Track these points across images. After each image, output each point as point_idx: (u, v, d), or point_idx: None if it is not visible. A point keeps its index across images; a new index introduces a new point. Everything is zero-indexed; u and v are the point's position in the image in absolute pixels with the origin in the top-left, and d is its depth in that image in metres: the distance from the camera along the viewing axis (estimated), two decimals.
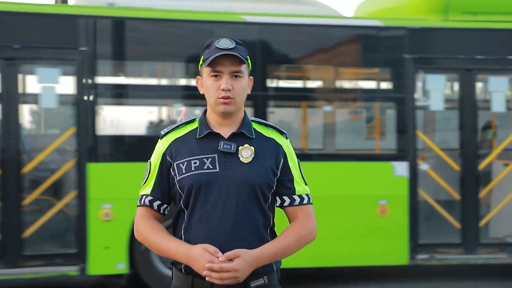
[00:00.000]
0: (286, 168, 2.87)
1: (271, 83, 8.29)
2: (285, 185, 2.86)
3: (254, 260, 2.71)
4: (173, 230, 2.88)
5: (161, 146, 2.89)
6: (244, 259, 2.68)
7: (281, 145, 2.88)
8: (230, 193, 2.76)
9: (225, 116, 2.82)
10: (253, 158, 2.80)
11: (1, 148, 7.11)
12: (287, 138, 2.94)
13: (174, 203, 2.88)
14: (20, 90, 7.36)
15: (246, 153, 2.80)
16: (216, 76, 2.79)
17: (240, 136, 2.83)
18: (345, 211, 7.74)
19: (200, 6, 8.01)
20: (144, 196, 2.88)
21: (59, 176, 7.39)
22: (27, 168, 7.24)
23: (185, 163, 2.79)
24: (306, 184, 2.94)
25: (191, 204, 2.78)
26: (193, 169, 2.77)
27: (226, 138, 2.82)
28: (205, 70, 2.82)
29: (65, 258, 7.26)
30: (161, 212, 2.89)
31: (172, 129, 2.91)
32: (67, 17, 7.24)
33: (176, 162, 2.81)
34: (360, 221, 7.78)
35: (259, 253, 2.74)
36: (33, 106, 9.09)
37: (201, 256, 2.68)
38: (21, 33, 7.18)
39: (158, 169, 2.86)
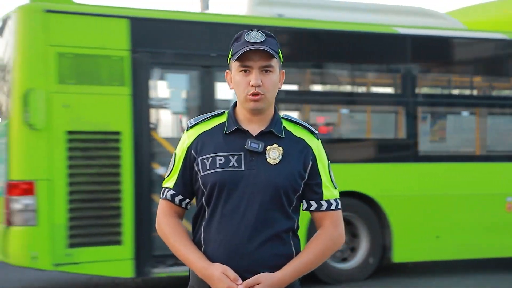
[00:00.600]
0: (315, 171, 2.77)
1: (422, 91, 9.59)
2: (313, 189, 2.78)
3: (276, 284, 2.65)
4: (193, 226, 2.82)
5: (186, 139, 2.80)
6: (265, 286, 2.62)
7: (310, 147, 2.78)
8: (253, 194, 2.69)
9: (255, 112, 2.73)
10: (280, 160, 2.71)
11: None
12: (318, 139, 2.84)
13: (195, 199, 2.83)
14: (216, 97, 8.13)
15: (274, 154, 2.72)
16: (245, 71, 2.70)
17: (269, 135, 2.74)
18: (477, 207, 9.09)
19: (352, 18, 9.10)
20: (167, 190, 2.83)
21: None
22: None
23: (210, 159, 2.72)
24: (335, 188, 2.85)
25: (213, 202, 2.72)
26: (217, 166, 2.70)
27: (254, 136, 2.73)
28: (234, 65, 2.72)
29: None
30: (183, 207, 2.83)
31: (200, 121, 2.82)
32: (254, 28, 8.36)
33: (201, 157, 2.74)
34: (488, 216, 9.10)
35: (281, 276, 2.67)
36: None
37: (220, 280, 2.62)
38: (217, 41, 8.00)
39: (182, 162, 2.79)
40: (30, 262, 7.36)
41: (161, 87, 8.23)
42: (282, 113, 2.84)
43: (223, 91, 8.37)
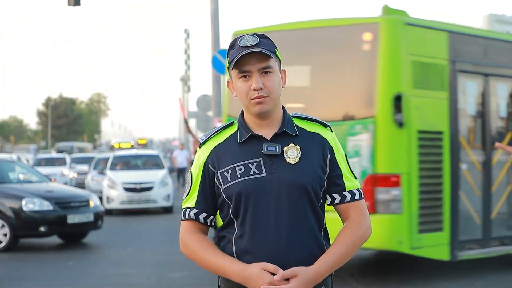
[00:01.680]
0: (334, 163, 2.76)
1: None
2: (334, 181, 2.76)
3: (313, 277, 2.62)
4: (219, 241, 2.79)
5: (201, 155, 2.77)
6: (302, 278, 2.59)
7: (326, 139, 2.77)
8: (280, 198, 2.66)
9: (262, 116, 2.70)
10: (300, 158, 2.69)
11: None
12: (332, 131, 2.82)
13: (220, 213, 2.79)
14: None
15: (292, 153, 2.70)
16: (245, 76, 2.67)
17: (284, 136, 2.72)
18: None
19: None
20: (189, 209, 2.77)
21: None
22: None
23: (230, 170, 2.69)
24: (355, 178, 2.83)
25: (242, 212, 2.68)
26: (238, 176, 2.67)
27: (269, 139, 2.71)
28: (233, 72, 2.69)
29: None
30: (207, 224, 2.79)
31: (211, 135, 2.78)
32: None
33: (220, 171, 2.70)
34: None
35: (317, 269, 2.64)
36: None
37: (260, 277, 2.58)
38: None
39: (201, 179, 2.75)
40: (396, 246, 8.52)
41: (473, 94, 9.57)
42: (291, 112, 2.83)
43: None
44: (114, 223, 16.68)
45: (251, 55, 2.66)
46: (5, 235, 12.40)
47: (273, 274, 2.59)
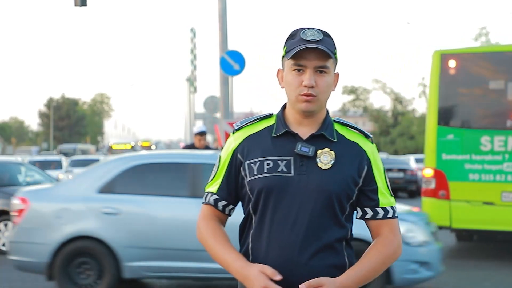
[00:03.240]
0: (370, 176, 2.71)
1: None
2: (368, 195, 2.72)
3: None
4: (240, 235, 2.79)
5: (232, 142, 2.76)
6: None
7: (365, 151, 2.73)
8: (304, 201, 2.63)
9: (306, 115, 2.68)
10: (332, 164, 2.66)
11: None
12: (372, 143, 2.78)
13: (242, 205, 2.80)
14: None
15: (325, 158, 2.66)
16: (298, 70, 2.64)
17: (320, 139, 2.69)
18: None
19: None
20: (210, 194, 2.79)
21: None
22: None
23: (257, 163, 2.68)
24: (391, 196, 2.78)
25: (260, 209, 2.68)
26: (265, 170, 2.66)
27: (304, 139, 2.68)
28: (287, 63, 2.67)
29: None
30: (226, 213, 2.81)
31: (247, 123, 2.78)
32: None
33: (248, 162, 2.70)
34: None
35: (343, 281, 2.60)
36: None
37: (257, 279, 2.57)
38: None
39: (228, 166, 2.76)
40: None
41: None
42: (334, 117, 2.80)
43: None
44: None
45: (311, 50, 2.63)
46: None
47: (271, 279, 2.59)
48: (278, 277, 2.58)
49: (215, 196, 2.79)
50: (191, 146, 12.05)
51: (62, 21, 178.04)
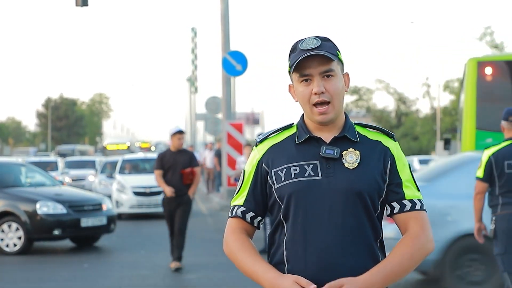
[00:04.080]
0: (395, 171, 2.75)
1: None
2: (393, 190, 2.74)
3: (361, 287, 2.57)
4: (270, 245, 2.79)
5: (256, 154, 2.81)
6: None
7: (388, 148, 2.77)
8: (335, 203, 2.66)
9: (324, 124, 2.75)
10: (359, 163, 2.70)
11: None
12: (395, 140, 2.82)
13: (271, 215, 2.81)
14: None
15: (351, 158, 2.70)
16: (306, 80, 2.71)
17: (343, 140, 2.74)
18: None
19: None
20: (237, 207, 2.81)
21: None
22: None
23: (284, 170, 2.71)
24: (418, 190, 2.79)
25: (292, 215, 2.70)
26: (293, 176, 2.69)
27: (328, 142, 2.74)
28: (294, 77, 2.74)
29: None
30: (254, 224, 2.82)
31: (269, 135, 2.83)
32: None
33: (274, 170, 2.74)
34: None
35: (366, 279, 2.59)
36: None
37: None
38: None
39: (253, 177, 2.79)
40: None
41: None
42: (353, 121, 2.86)
43: None
44: (125, 227, 17.40)
45: (312, 58, 2.68)
46: (20, 238, 13.14)
47: None
48: (313, 286, 2.58)
49: (243, 208, 2.81)
50: (167, 154, 10.94)
51: (61, 20, 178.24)
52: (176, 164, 10.81)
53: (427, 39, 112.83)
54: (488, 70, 12.42)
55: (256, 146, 2.85)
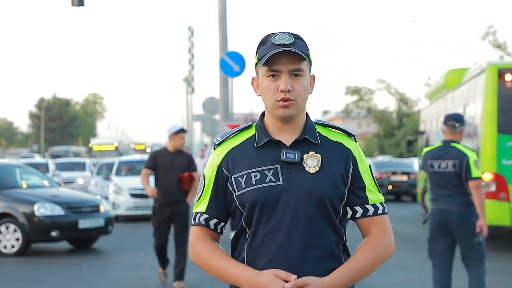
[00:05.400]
0: (357, 174, 2.79)
1: None
2: (356, 193, 2.78)
3: None
4: (233, 251, 2.83)
5: (215, 157, 2.81)
6: None
7: (350, 150, 2.80)
8: (296, 208, 2.70)
9: (285, 120, 2.74)
10: (320, 167, 2.72)
11: None
12: (356, 141, 2.85)
13: (233, 221, 2.84)
14: None
15: (312, 162, 2.72)
16: (273, 76, 2.71)
17: (304, 143, 2.75)
18: None
19: None
20: (199, 214, 2.82)
21: None
22: None
23: (244, 176, 2.73)
24: (379, 192, 2.85)
25: (254, 222, 2.73)
26: (253, 183, 2.71)
27: (288, 146, 2.75)
28: (261, 70, 2.73)
29: None
30: (218, 231, 2.84)
31: (227, 137, 2.83)
32: None
33: (234, 176, 2.75)
34: None
35: (331, 280, 2.67)
36: None
37: (272, 283, 2.63)
38: None
39: (214, 183, 2.80)
40: None
41: None
42: (314, 119, 2.87)
43: None
44: (122, 229, 17.80)
45: (283, 55, 2.69)
46: (18, 239, 13.53)
47: (286, 281, 2.65)
48: (293, 277, 2.64)
49: (205, 216, 2.82)
50: (163, 153, 9.87)
51: (55, 20, 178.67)
52: (173, 166, 9.78)
53: (428, 39, 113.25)
54: (508, 77, 13.53)
55: (214, 149, 2.85)
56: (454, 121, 7.52)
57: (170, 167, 9.77)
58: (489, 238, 13.08)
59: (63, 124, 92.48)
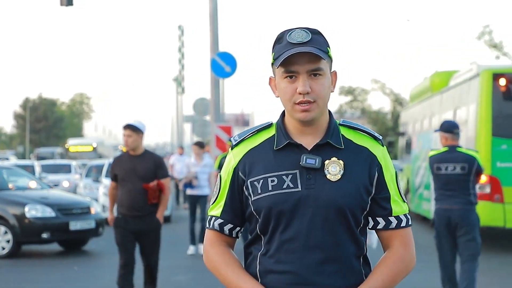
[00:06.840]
0: (382, 183, 2.70)
1: None
2: (380, 204, 2.70)
3: None
4: (245, 256, 2.78)
5: (232, 159, 2.75)
6: None
7: (375, 156, 2.70)
8: (315, 217, 2.62)
9: (306, 124, 2.65)
10: (342, 175, 2.63)
11: None
12: (383, 146, 2.74)
13: (249, 225, 2.79)
14: None
15: (334, 169, 2.63)
16: (290, 77, 2.61)
17: (326, 147, 2.66)
18: None
19: None
20: (214, 218, 2.78)
21: None
22: None
23: (261, 181, 2.66)
24: (404, 202, 2.76)
25: (270, 230, 2.67)
26: (270, 188, 2.64)
27: (309, 150, 2.66)
28: (278, 71, 2.64)
29: None
30: (233, 236, 2.79)
31: (245, 137, 2.75)
32: None
33: (250, 180, 2.68)
34: None
35: None
36: None
37: None
38: None
39: (229, 186, 2.74)
40: None
41: None
42: (339, 120, 2.77)
43: None
44: (112, 231, 18.04)
45: (301, 54, 2.59)
46: (8, 241, 13.85)
47: None
48: None
49: (220, 220, 2.78)
50: (123, 159, 8.36)
51: (42, 19, 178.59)
52: (134, 173, 8.13)
53: (426, 39, 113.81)
54: (502, 81, 14.11)
55: (231, 149, 2.78)
56: (457, 128, 8.44)
57: (133, 173, 8.14)
58: (483, 238, 13.50)
59: (48, 125, 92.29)
